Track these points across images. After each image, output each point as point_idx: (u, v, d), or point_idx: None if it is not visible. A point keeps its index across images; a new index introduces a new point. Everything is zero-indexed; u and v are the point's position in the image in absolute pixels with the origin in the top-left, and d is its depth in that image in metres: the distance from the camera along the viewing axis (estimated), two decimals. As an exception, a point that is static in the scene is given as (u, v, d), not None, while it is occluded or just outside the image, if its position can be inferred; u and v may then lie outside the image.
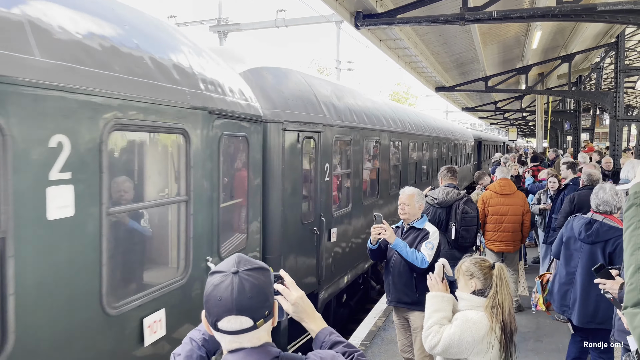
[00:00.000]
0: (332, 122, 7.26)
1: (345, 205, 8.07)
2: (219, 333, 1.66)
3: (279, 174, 5.77)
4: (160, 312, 3.56)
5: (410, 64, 16.93)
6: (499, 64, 19.99)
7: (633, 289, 1.38)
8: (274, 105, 5.85)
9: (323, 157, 6.93)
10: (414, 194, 4.87)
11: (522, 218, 7.50)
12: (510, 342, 3.01)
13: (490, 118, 45.30)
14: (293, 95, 6.38)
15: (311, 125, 6.53)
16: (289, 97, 6.24)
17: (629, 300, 1.39)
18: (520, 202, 7.54)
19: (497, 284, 3.07)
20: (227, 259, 1.72)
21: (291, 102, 6.20)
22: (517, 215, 7.46)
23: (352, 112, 8.41)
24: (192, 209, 3.97)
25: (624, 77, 15.08)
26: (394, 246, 4.64)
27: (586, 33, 15.53)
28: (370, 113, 9.64)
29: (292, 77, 6.88)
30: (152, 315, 3.47)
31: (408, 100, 66.08)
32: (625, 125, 19.19)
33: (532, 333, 6.94)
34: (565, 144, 30.60)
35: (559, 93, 21.71)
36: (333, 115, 7.41)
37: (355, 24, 9.51)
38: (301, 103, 6.47)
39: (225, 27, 19.17)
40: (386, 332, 7.06)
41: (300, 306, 1.94)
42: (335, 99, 7.94)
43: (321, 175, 6.80)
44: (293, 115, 6.10)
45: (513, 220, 7.44)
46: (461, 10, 8.56)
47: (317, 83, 7.74)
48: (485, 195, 7.63)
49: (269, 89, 6.03)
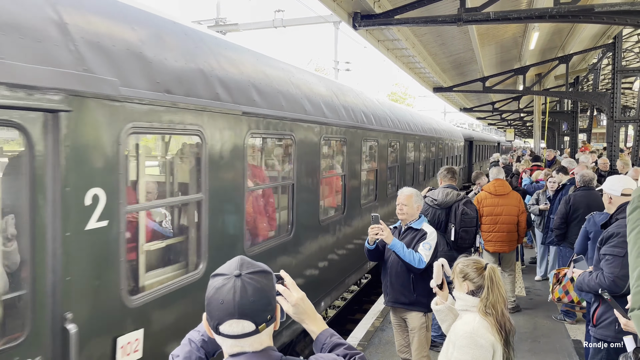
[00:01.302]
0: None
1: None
2: (220, 337, 1.64)
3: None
4: None
5: (408, 65, 16.94)
6: (496, 64, 20.02)
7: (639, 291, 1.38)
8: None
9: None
10: (412, 195, 4.88)
11: (517, 218, 7.51)
12: (507, 344, 3.02)
13: (488, 119, 45.33)
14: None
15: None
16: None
17: (635, 303, 1.39)
18: (515, 202, 7.55)
19: (488, 286, 3.07)
20: (229, 261, 1.69)
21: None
22: (511, 215, 7.47)
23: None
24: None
25: (621, 78, 15.12)
26: (392, 247, 4.64)
27: (583, 34, 15.56)
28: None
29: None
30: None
31: (406, 100, 66.09)
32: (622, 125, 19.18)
33: (530, 334, 6.96)
34: (562, 145, 30.65)
35: (557, 94, 21.75)
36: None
37: (353, 25, 9.51)
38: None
39: (223, 28, 19.12)
40: (384, 332, 7.06)
41: (301, 307, 1.93)
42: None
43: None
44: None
45: (508, 220, 7.44)
46: (459, 11, 8.58)
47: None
48: (480, 196, 7.65)
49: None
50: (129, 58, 3.54)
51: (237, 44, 5.73)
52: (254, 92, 5.13)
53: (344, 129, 7.74)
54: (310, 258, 6.66)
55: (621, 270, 3.82)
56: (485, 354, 2.92)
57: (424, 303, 4.73)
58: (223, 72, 4.73)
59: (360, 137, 8.54)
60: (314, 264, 6.82)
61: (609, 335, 3.86)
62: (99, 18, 3.53)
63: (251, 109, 4.99)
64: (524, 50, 16.74)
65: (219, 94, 4.48)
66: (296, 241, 6.20)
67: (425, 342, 4.85)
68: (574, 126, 23.54)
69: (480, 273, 3.14)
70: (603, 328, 3.94)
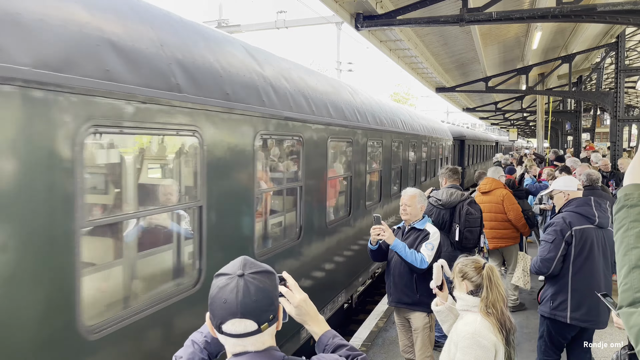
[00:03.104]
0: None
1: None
2: (223, 336, 1.65)
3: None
4: None
5: (411, 65, 16.92)
6: (499, 64, 19.99)
7: (628, 288, 1.40)
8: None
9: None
10: (416, 195, 4.89)
11: (504, 215, 7.53)
12: (507, 343, 3.02)
13: (491, 119, 45.29)
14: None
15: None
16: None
17: (623, 300, 1.41)
18: (497, 199, 7.65)
19: (487, 285, 3.09)
20: (233, 261, 1.71)
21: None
22: (495, 212, 7.54)
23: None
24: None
25: (625, 77, 15.07)
26: (393, 247, 4.65)
27: (586, 33, 15.53)
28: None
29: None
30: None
31: (409, 100, 65.99)
32: (625, 125, 19.19)
33: (534, 333, 6.93)
34: (566, 144, 30.60)
35: (560, 93, 21.70)
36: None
37: (356, 25, 9.51)
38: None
39: (225, 29, 19.16)
40: (387, 332, 7.06)
41: (303, 309, 1.93)
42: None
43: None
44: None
45: (491, 217, 7.51)
46: (461, 11, 8.57)
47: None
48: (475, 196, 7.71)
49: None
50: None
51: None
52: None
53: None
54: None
55: (548, 254, 4.63)
56: (488, 354, 2.92)
57: (427, 303, 4.73)
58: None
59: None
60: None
61: (546, 311, 4.77)
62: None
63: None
64: (527, 50, 16.71)
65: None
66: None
67: (428, 342, 4.85)
68: (577, 126, 23.49)
69: (478, 272, 3.15)
70: (543, 305, 4.81)
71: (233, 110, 4.26)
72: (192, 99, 3.68)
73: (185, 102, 3.60)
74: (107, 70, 2.97)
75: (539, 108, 23.38)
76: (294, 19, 19.31)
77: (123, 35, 3.23)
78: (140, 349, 3.29)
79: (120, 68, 3.08)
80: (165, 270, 4.03)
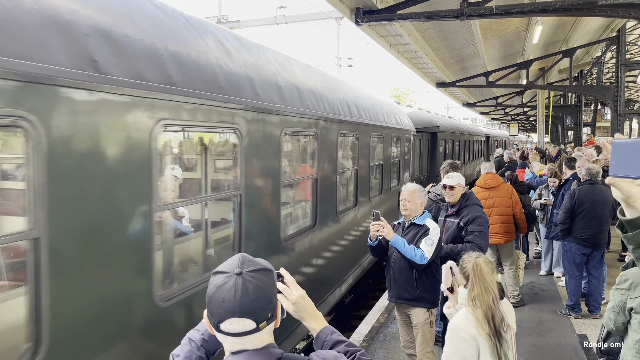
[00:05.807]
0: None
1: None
2: (221, 334, 1.64)
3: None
4: None
5: (411, 60, 16.89)
6: (499, 59, 19.94)
7: None
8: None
9: None
10: (416, 190, 4.86)
11: (511, 210, 7.51)
12: (497, 334, 3.02)
13: (492, 113, 45.22)
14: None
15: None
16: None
17: None
18: (507, 194, 7.57)
19: (472, 279, 3.17)
20: (230, 259, 1.69)
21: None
22: (504, 207, 7.48)
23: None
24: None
25: (625, 71, 15.05)
26: (393, 243, 4.63)
27: (587, 27, 15.48)
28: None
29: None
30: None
31: (409, 96, 65.75)
32: (626, 119, 19.10)
33: (535, 328, 6.94)
34: (566, 139, 30.57)
35: (560, 88, 21.68)
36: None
37: (356, 20, 9.49)
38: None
39: (225, 25, 19.12)
40: (388, 328, 7.06)
41: (301, 305, 1.92)
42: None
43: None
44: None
45: (500, 212, 7.45)
46: (461, 6, 8.54)
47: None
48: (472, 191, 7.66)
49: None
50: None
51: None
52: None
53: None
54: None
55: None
56: (466, 346, 3.02)
57: (427, 299, 4.73)
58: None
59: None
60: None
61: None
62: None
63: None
64: (527, 45, 16.66)
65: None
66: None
67: (429, 338, 4.84)
68: (578, 120, 23.48)
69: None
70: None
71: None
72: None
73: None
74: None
75: (539, 103, 23.34)
76: (293, 15, 19.29)
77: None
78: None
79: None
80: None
